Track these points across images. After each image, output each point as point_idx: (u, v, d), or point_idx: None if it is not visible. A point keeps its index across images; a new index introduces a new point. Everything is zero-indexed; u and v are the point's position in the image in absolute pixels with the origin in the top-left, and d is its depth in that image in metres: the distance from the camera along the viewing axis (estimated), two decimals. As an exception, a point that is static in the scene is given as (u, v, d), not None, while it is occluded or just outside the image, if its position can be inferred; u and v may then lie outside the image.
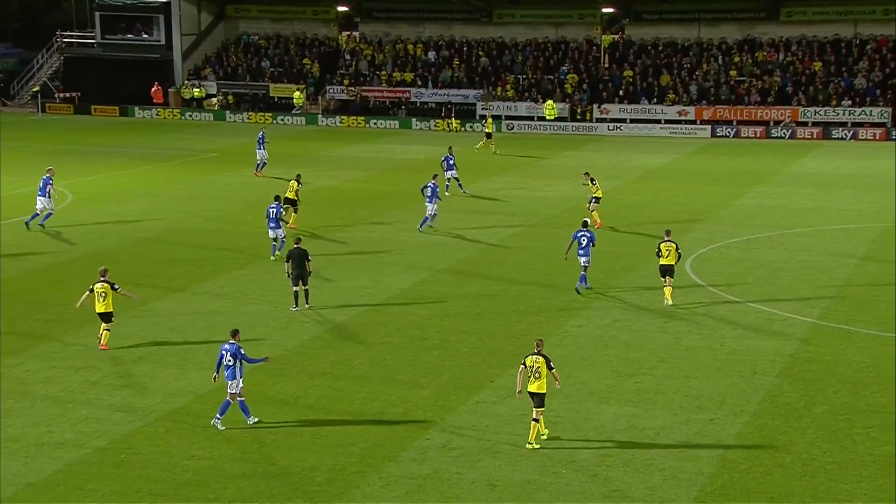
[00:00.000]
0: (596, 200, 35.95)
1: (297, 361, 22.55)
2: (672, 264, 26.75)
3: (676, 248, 26.75)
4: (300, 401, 20.39)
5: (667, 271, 26.80)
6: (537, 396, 18.25)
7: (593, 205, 35.89)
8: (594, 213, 35.62)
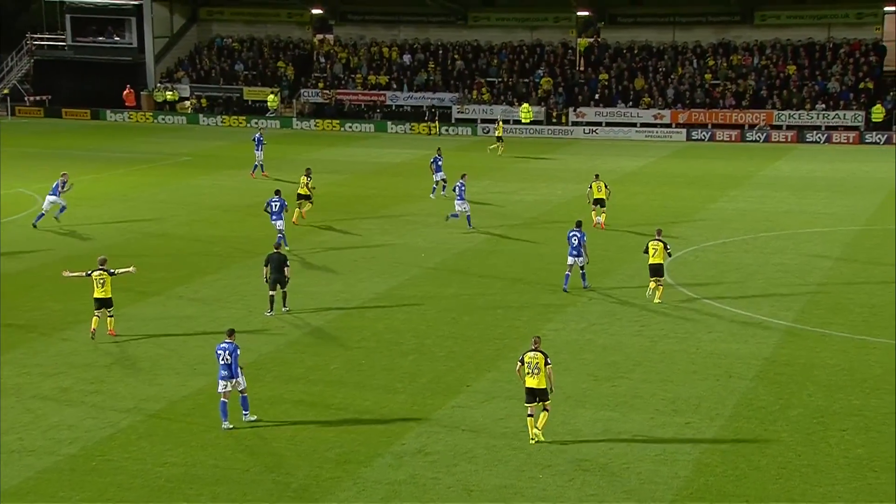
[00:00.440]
0: (599, 204, 36.42)
1: (272, 366, 22.47)
2: (661, 263, 27.07)
3: (665, 247, 27.08)
4: (275, 406, 20.32)
5: (656, 270, 27.12)
6: (539, 392, 18.67)
7: (599, 207, 36.29)
8: (597, 212, 36.20)
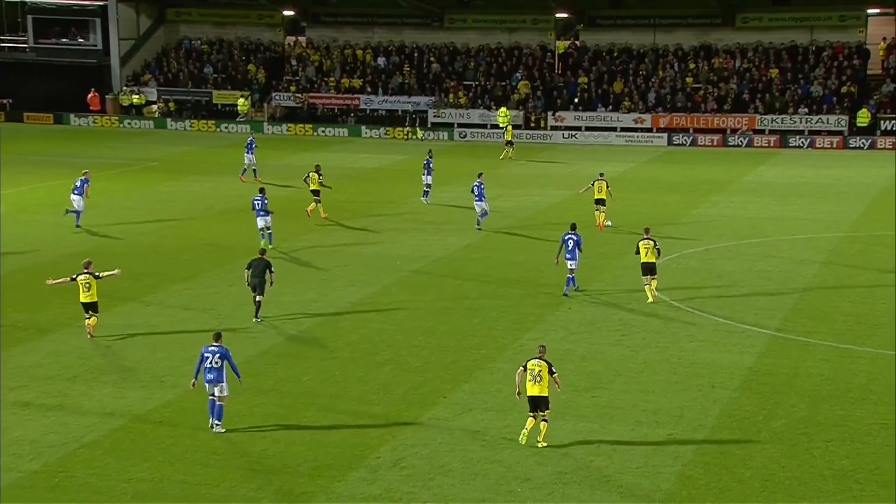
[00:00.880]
0: (601, 203, 37.22)
1: (243, 378, 22.34)
2: (653, 262, 28.04)
3: (655, 245, 28.07)
4: (245, 420, 20.21)
5: (648, 269, 28.07)
6: (541, 400, 19.01)
7: (600, 207, 37.12)
8: (599, 213, 37.19)
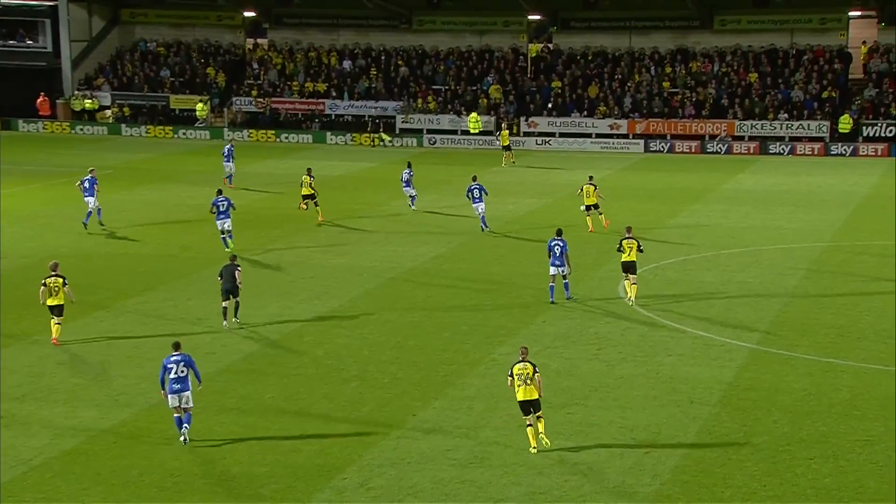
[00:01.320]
0: (594, 207, 37.85)
1: (202, 396, 22.20)
2: (634, 261, 28.87)
3: (638, 245, 28.99)
4: (205, 440, 20.10)
5: (628, 268, 28.94)
6: (533, 403, 19.54)
7: (593, 211, 37.91)
8: (601, 216, 37.94)
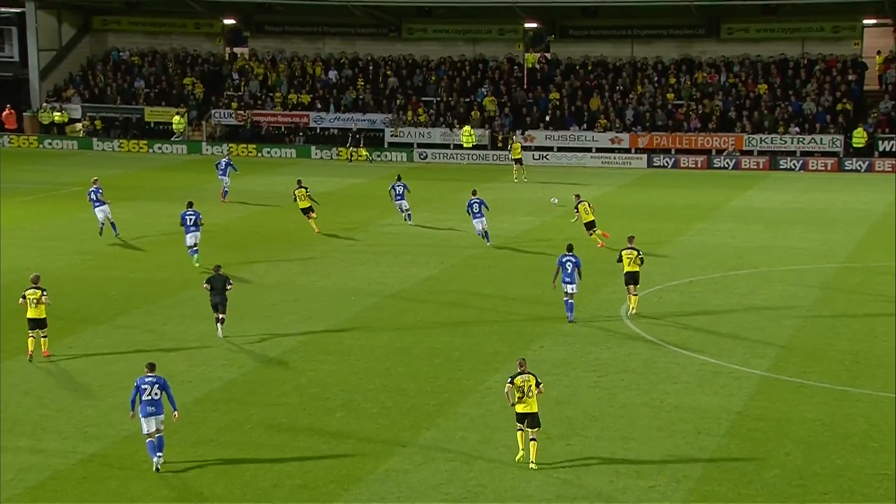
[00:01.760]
0: (589, 225, 38.78)
1: (178, 427, 22.18)
2: (636, 271, 29.97)
3: (638, 254, 30.05)
4: (180, 474, 20.06)
5: (630, 279, 30.01)
6: (530, 417, 20.22)
7: (594, 232, 39.01)
8: (594, 236, 38.91)
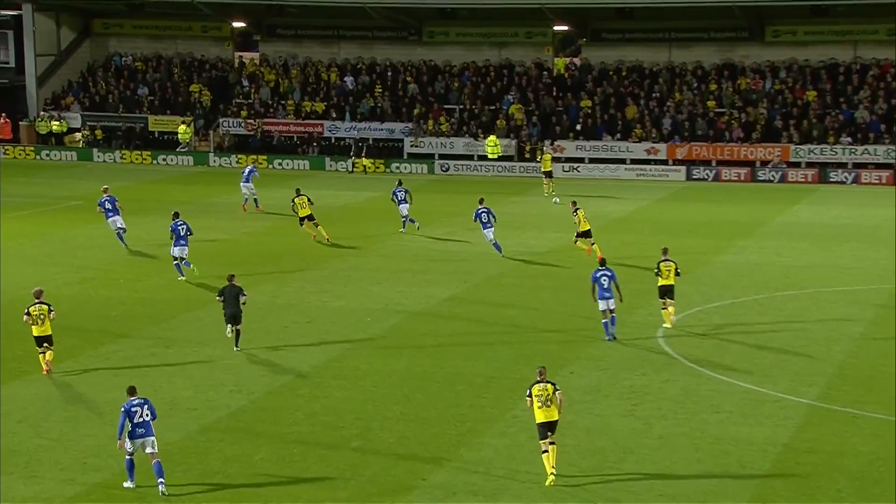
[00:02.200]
0: (583, 234, 39.56)
1: (182, 459, 22.23)
2: (672, 284, 31.07)
3: (676, 268, 31.12)
4: (185, 507, 20.10)
5: (667, 292, 31.13)
6: (551, 425, 20.90)
7: (580, 240, 39.58)
8: (579, 243, 39.81)
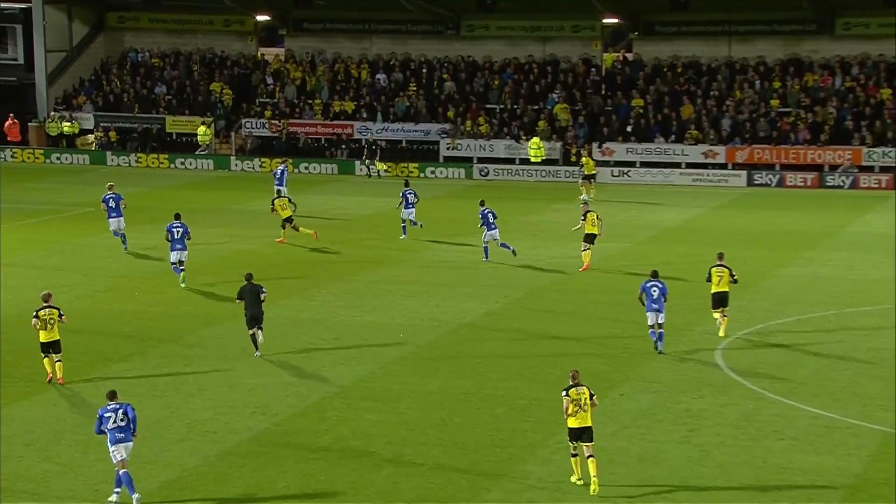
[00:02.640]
0: (588, 239, 40.05)
1: (200, 485, 22.28)
2: (726, 291, 31.42)
3: (730, 274, 31.48)
4: (203, 538, 20.14)
5: (719, 301, 31.50)
6: (586, 431, 21.48)
7: (590, 245, 40.53)
8: (585, 253, 40.33)
